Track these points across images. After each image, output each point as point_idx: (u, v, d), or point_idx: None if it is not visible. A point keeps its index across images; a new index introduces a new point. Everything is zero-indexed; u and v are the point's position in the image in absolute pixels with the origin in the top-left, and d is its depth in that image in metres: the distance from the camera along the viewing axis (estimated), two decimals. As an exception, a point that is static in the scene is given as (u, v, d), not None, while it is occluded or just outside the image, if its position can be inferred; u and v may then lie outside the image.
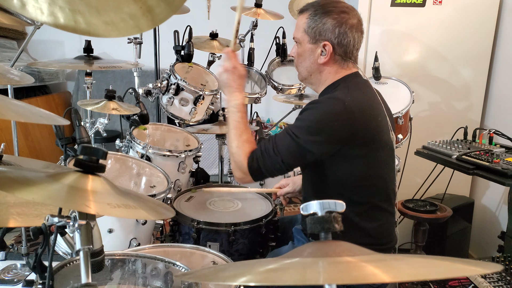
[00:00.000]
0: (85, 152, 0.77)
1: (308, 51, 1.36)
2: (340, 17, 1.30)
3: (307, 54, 1.37)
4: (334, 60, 1.35)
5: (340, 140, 1.26)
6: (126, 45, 2.50)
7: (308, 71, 1.41)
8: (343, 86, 1.34)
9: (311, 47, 1.35)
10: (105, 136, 2.10)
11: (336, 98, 1.28)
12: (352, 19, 1.32)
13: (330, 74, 1.37)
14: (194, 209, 1.72)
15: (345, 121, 1.25)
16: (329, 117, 1.26)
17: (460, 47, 2.56)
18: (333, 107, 1.27)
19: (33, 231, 0.79)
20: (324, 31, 1.31)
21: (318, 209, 0.63)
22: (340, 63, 1.36)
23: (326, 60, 1.34)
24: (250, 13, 2.46)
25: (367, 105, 1.31)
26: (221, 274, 0.62)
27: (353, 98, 1.28)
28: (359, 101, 1.29)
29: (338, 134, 1.26)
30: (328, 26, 1.31)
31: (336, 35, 1.31)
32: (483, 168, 1.79)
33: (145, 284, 1.15)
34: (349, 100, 1.26)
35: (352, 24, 1.31)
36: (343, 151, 1.28)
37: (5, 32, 3.64)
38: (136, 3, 0.70)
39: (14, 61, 2.03)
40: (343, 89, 1.32)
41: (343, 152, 1.28)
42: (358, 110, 1.27)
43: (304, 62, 1.40)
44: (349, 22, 1.31)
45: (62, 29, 0.65)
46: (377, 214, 1.37)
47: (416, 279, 0.51)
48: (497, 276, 1.65)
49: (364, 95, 1.34)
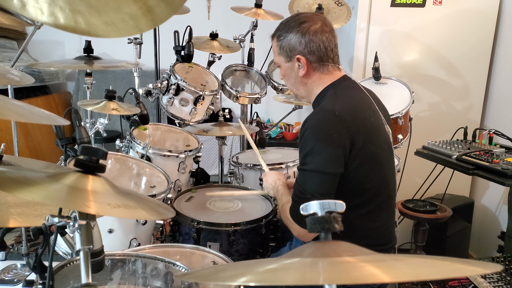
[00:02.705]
0: (85, 152, 0.77)
1: (288, 70, 1.43)
2: (301, 27, 1.35)
3: (288, 73, 1.44)
4: (312, 69, 1.38)
5: (345, 148, 1.27)
6: (126, 45, 2.51)
7: (296, 87, 1.46)
8: (331, 93, 1.36)
9: (288, 65, 1.41)
10: (105, 136, 2.10)
11: (325, 110, 1.30)
12: (314, 25, 1.35)
13: (315, 83, 1.40)
14: (194, 209, 1.72)
15: (341, 130, 1.26)
16: (326, 131, 1.27)
17: (460, 47, 2.56)
18: (325, 121, 1.28)
19: (33, 231, 0.79)
20: (292, 46, 1.37)
21: (318, 209, 0.63)
22: (319, 69, 1.38)
23: (305, 72, 1.38)
24: (250, 13, 2.46)
25: (358, 109, 1.33)
26: (221, 274, 0.62)
27: (342, 105, 1.29)
28: (348, 106, 1.31)
29: (341, 143, 1.26)
30: (294, 40, 1.36)
31: (304, 46, 1.36)
32: (483, 168, 1.79)
33: (145, 284, 1.15)
34: (338, 108, 1.28)
35: (315, 29, 1.35)
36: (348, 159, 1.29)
37: (5, 32, 3.65)
38: (136, 3, 0.69)
39: (14, 61, 2.03)
40: (331, 97, 1.34)
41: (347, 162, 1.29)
42: (349, 116, 1.28)
43: (289, 81, 1.46)
44: (310, 29, 1.35)
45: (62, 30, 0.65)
46: (377, 215, 1.37)
47: (416, 279, 0.51)
48: (497, 276, 1.65)
49: (353, 99, 1.36)
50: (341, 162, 1.27)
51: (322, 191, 1.26)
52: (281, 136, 4.24)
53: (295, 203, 1.31)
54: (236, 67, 2.53)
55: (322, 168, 1.26)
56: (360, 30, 2.59)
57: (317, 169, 1.26)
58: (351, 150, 1.27)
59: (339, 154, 1.26)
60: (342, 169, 1.27)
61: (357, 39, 2.61)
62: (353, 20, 2.56)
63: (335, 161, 1.26)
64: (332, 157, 1.26)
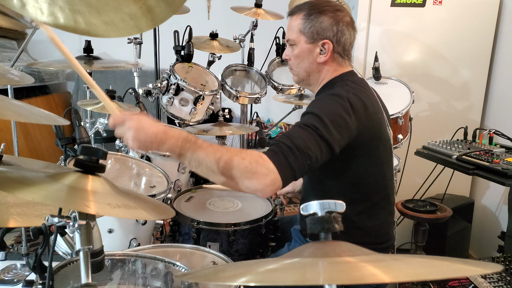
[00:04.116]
0: (85, 152, 0.77)
1: (306, 51, 1.34)
2: (336, 15, 1.31)
3: (305, 55, 1.35)
4: (333, 58, 1.35)
5: (350, 135, 1.21)
6: (126, 45, 2.50)
7: (306, 72, 1.38)
8: (341, 83, 1.32)
9: (309, 47, 1.34)
10: (105, 136, 2.10)
11: (338, 95, 1.25)
12: (347, 17, 1.33)
13: (328, 73, 1.37)
14: (194, 209, 1.72)
15: (351, 117, 1.21)
16: (337, 111, 1.20)
17: (460, 47, 2.56)
18: (339, 103, 1.22)
19: (33, 231, 0.79)
20: (322, 29, 1.30)
21: (318, 209, 0.63)
22: (338, 61, 1.36)
23: (326, 59, 1.33)
24: (250, 13, 2.46)
25: (368, 102, 1.29)
26: (221, 274, 0.62)
27: (354, 95, 1.26)
28: (360, 97, 1.27)
29: (347, 128, 1.20)
30: (325, 24, 1.30)
31: (335, 33, 1.31)
32: (483, 168, 1.79)
33: (145, 284, 1.15)
34: (351, 96, 1.24)
35: (348, 21, 1.33)
36: (347, 148, 1.22)
37: (5, 32, 3.64)
38: (136, 3, 0.69)
39: (14, 61, 2.03)
40: (343, 86, 1.30)
41: (347, 149, 1.23)
42: (361, 106, 1.24)
43: (302, 63, 1.37)
44: (344, 19, 1.32)
45: (62, 29, 0.65)
46: (376, 212, 1.37)
47: (416, 279, 0.51)
48: (497, 276, 1.65)
49: (363, 93, 1.32)
50: (343, 134, 1.17)
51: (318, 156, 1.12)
52: (281, 136, 4.24)
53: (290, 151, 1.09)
54: (236, 67, 2.53)
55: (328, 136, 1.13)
56: (360, 30, 2.59)
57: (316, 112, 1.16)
58: (355, 139, 1.22)
59: (343, 127, 1.17)
60: (339, 139, 1.16)
61: (357, 39, 2.58)
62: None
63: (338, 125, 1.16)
64: (336, 122, 1.16)
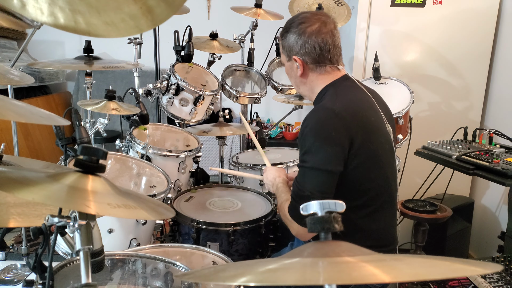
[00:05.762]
0: (85, 152, 0.77)
1: (289, 68, 1.46)
2: (298, 29, 1.37)
3: (289, 71, 1.47)
4: (309, 69, 1.40)
5: (343, 146, 1.26)
6: (126, 45, 2.51)
7: (296, 85, 1.49)
8: (331, 92, 1.36)
9: (289, 64, 1.44)
10: (105, 136, 2.10)
11: (325, 108, 1.31)
12: (311, 26, 1.35)
13: (314, 83, 1.41)
14: (194, 209, 1.72)
15: (340, 128, 1.26)
16: (325, 129, 1.27)
17: (460, 47, 2.56)
18: (325, 119, 1.28)
19: (33, 231, 0.79)
20: (290, 47, 1.39)
21: (318, 209, 0.63)
22: (316, 70, 1.39)
23: (302, 72, 1.40)
24: (250, 13, 2.46)
25: (357, 108, 1.33)
26: (221, 274, 0.62)
27: (342, 104, 1.30)
28: (348, 105, 1.31)
29: (340, 141, 1.26)
30: (291, 41, 1.38)
31: (300, 47, 1.37)
32: (483, 168, 1.79)
33: (145, 284, 1.15)
34: (338, 107, 1.28)
35: (311, 31, 1.35)
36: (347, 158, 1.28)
37: (5, 32, 3.65)
38: (136, 3, 0.69)
39: (14, 61, 2.03)
40: (331, 96, 1.35)
41: (345, 162, 1.29)
42: (349, 115, 1.28)
43: (291, 79, 1.49)
44: (307, 30, 1.35)
45: (62, 29, 0.65)
46: (379, 216, 1.37)
47: (416, 279, 0.51)
48: (497, 276, 1.65)
49: (353, 99, 1.36)
50: (340, 161, 1.27)
51: (321, 189, 1.26)
52: (281, 136, 4.24)
53: (294, 201, 1.30)
54: (236, 67, 2.53)
55: (321, 166, 1.26)
56: (360, 30, 2.59)
57: (316, 166, 1.26)
58: (350, 149, 1.27)
59: (338, 152, 1.26)
60: (341, 167, 1.27)
61: (357, 39, 2.60)
62: (353, 20, 2.56)
63: (334, 159, 1.26)
64: (331, 155, 1.26)
